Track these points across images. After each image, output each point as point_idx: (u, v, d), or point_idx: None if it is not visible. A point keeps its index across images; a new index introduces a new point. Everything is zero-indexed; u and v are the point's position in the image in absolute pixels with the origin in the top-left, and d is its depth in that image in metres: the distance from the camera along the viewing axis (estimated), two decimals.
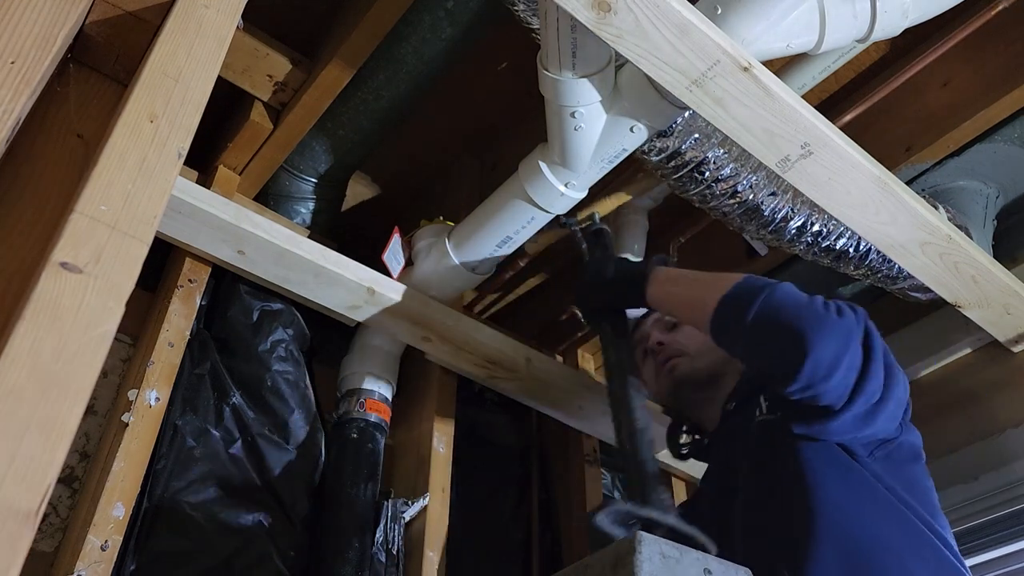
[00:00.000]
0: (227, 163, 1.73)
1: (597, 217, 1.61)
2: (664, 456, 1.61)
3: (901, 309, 1.84)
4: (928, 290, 1.56)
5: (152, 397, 1.37)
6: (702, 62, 1.13)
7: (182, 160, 0.79)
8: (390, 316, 1.56)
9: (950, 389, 1.75)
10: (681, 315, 1.33)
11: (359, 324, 1.64)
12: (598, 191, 1.57)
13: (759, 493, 1.18)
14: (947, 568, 1.09)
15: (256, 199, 1.81)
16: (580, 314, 1.61)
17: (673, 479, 2.04)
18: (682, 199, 1.55)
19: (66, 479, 1.36)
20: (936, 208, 1.59)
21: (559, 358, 2.19)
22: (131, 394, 1.37)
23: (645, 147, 1.39)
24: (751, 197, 1.47)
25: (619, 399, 1.29)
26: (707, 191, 1.46)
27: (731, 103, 1.18)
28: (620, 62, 1.27)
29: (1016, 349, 1.67)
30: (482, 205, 1.56)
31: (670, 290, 1.31)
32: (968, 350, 1.76)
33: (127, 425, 1.33)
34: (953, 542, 1.14)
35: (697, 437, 1.49)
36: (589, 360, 2.22)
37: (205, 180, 1.72)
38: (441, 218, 1.71)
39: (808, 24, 1.24)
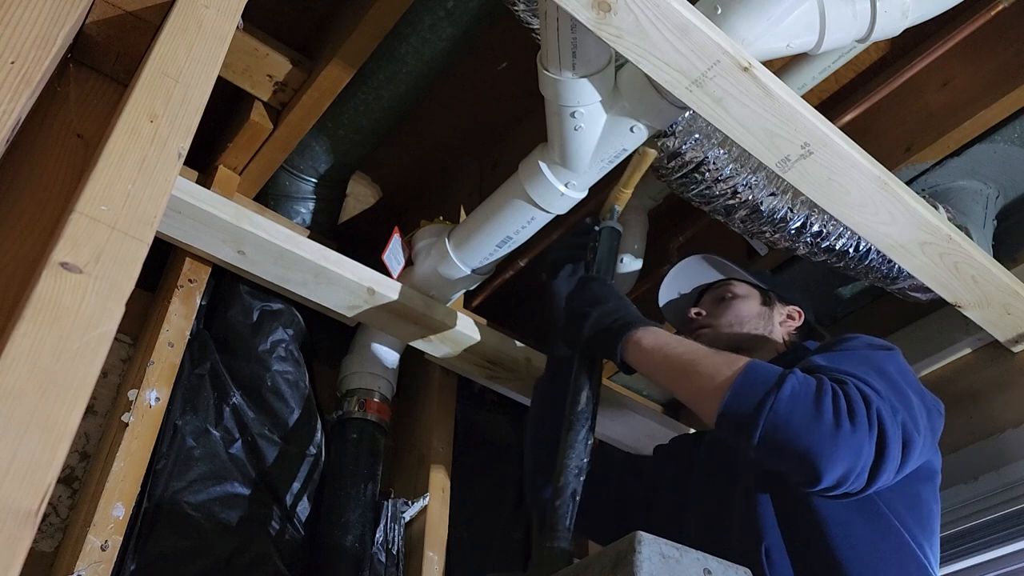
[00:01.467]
0: (227, 163, 1.73)
1: (616, 212, 1.49)
2: None
3: (901, 309, 1.84)
4: (928, 290, 1.56)
5: (152, 397, 1.38)
6: (702, 62, 1.13)
7: (182, 160, 0.79)
8: (390, 316, 1.56)
9: (950, 389, 1.75)
10: (676, 396, 1.22)
11: (359, 324, 1.65)
12: (598, 191, 1.57)
13: (759, 479, 1.20)
14: None
15: (256, 199, 1.81)
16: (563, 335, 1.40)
17: None
18: (682, 199, 1.55)
19: (66, 479, 1.36)
20: (936, 208, 1.58)
21: None
22: (131, 394, 1.37)
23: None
24: (751, 197, 1.47)
25: (569, 443, 1.19)
26: (707, 191, 1.46)
27: (731, 103, 1.18)
28: (620, 62, 1.27)
29: (1016, 349, 1.67)
30: (482, 205, 1.56)
31: (657, 366, 1.18)
32: (968, 350, 1.76)
33: (127, 425, 1.33)
34: (937, 571, 1.15)
35: None
36: None
37: (205, 180, 1.72)
38: (441, 218, 1.71)
39: (808, 24, 1.24)
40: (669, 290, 1.64)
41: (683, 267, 1.61)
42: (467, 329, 1.62)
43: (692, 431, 1.96)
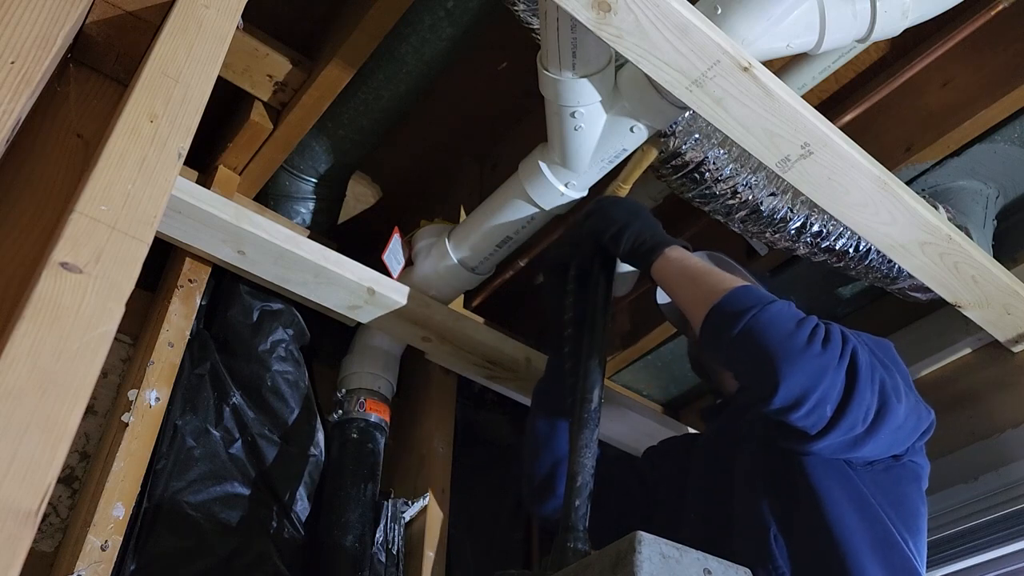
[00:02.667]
0: (227, 163, 1.73)
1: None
2: None
3: (901, 309, 1.84)
4: (928, 290, 1.56)
5: (152, 397, 1.38)
6: (702, 62, 1.13)
7: (182, 160, 0.79)
8: (390, 316, 1.56)
9: (950, 389, 1.75)
10: (680, 305, 1.28)
11: (359, 324, 1.65)
12: (598, 191, 1.57)
13: (754, 464, 1.22)
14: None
15: (256, 199, 1.81)
16: (568, 246, 1.41)
17: None
18: (682, 199, 1.55)
19: (66, 479, 1.36)
20: (936, 208, 1.58)
21: None
22: (131, 394, 1.37)
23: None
24: (751, 197, 1.47)
25: (584, 441, 1.20)
26: (707, 191, 1.46)
27: (731, 103, 1.18)
28: (620, 62, 1.27)
29: (1016, 349, 1.67)
30: (482, 205, 1.56)
31: (674, 275, 1.25)
32: (968, 350, 1.76)
33: (127, 425, 1.33)
34: (923, 568, 1.16)
35: (718, 401, 1.50)
36: None
37: (205, 180, 1.72)
38: (441, 218, 1.72)
39: (808, 24, 1.24)
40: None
41: None
42: (467, 329, 1.62)
43: (690, 431, 1.96)
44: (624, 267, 1.87)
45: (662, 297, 1.64)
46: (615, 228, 1.31)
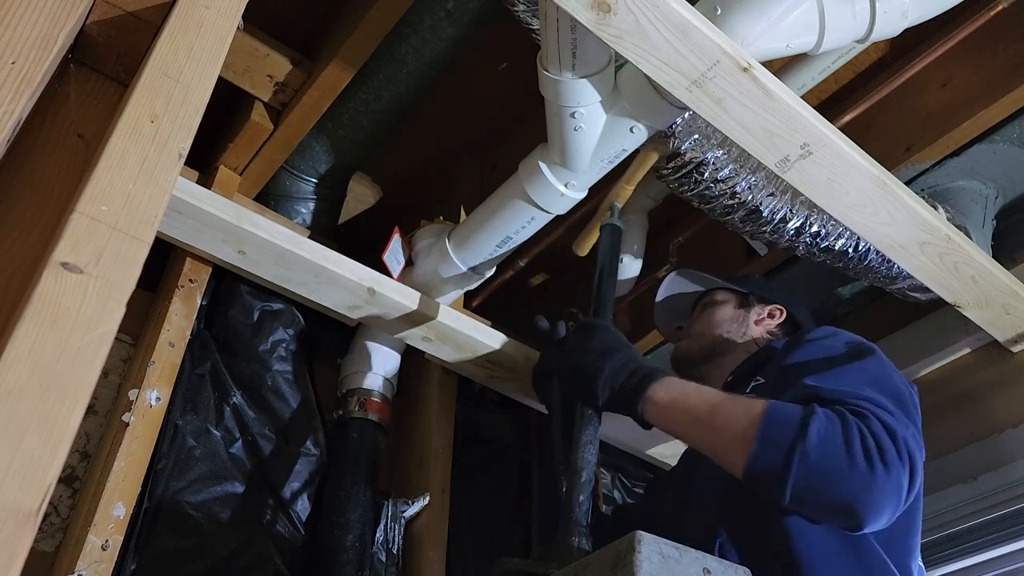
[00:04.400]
0: (227, 163, 1.73)
1: (616, 209, 1.48)
2: None
3: (901, 309, 1.84)
4: (927, 290, 1.56)
5: (153, 397, 1.38)
6: (702, 62, 1.13)
7: (183, 160, 0.79)
8: (390, 316, 1.56)
9: (949, 389, 1.75)
10: (700, 450, 1.16)
11: (359, 324, 1.65)
12: (598, 191, 1.57)
13: (715, 482, 1.21)
14: None
15: (256, 199, 1.81)
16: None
17: None
18: (682, 199, 1.55)
19: (67, 479, 1.36)
20: (935, 208, 1.59)
21: None
22: (132, 394, 1.37)
23: None
24: (750, 198, 1.47)
25: (588, 438, 1.19)
26: (706, 191, 1.46)
27: (731, 103, 1.18)
28: (620, 62, 1.27)
29: (1015, 349, 1.67)
30: (482, 205, 1.56)
31: (677, 422, 1.14)
32: (967, 350, 1.76)
33: (128, 425, 1.33)
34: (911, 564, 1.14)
35: None
36: None
37: (205, 180, 1.72)
38: (441, 218, 1.72)
39: (807, 24, 1.24)
40: (664, 313, 1.68)
41: (668, 286, 1.66)
42: (467, 329, 1.62)
43: None
44: (624, 268, 1.87)
45: (660, 322, 1.67)
46: (586, 383, 1.18)
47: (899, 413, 1.07)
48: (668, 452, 1.96)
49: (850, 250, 1.55)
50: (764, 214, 1.49)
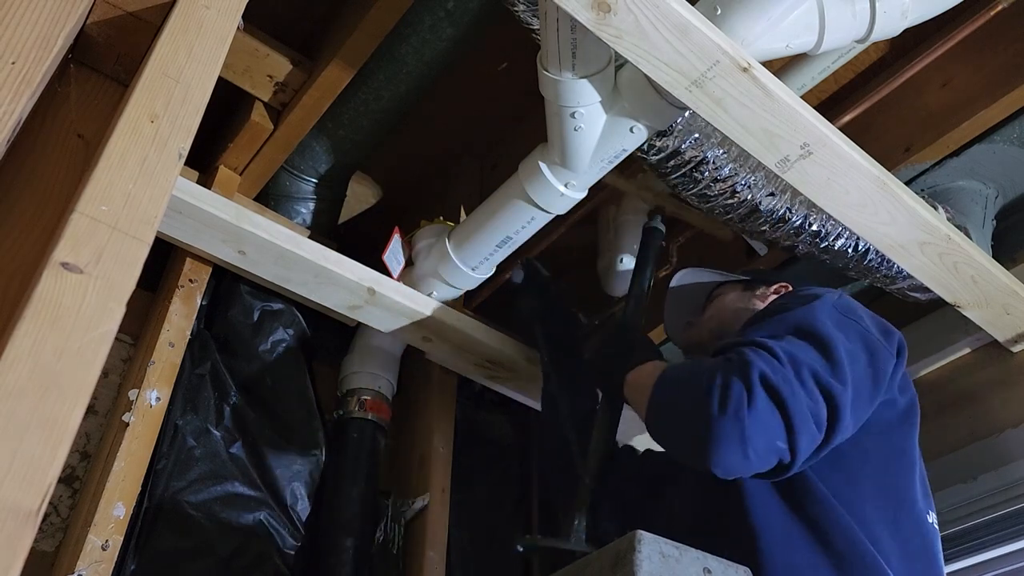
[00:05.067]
0: (228, 163, 1.73)
1: (659, 219, 1.62)
2: None
3: (900, 309, 1.84)
4: (927, 290, 1.56)
5: (153, 397, 1.38)
6: (702, 62, 1.13)
7: (183, 160, 0.79)
8: (390, 316, 1.56)
9: (949, 389, 1.75)
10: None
11: (359, 324, 1.65)
12: (598, 191, 1.58)
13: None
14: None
15: (256, 199, 1.81)
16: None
17: None
18: (681, 198, 1.55)
19: (67, 479, 1.36)
20: (935, 208, 1.59)
21: None
22: (132, 394, 1.37)
23: (644, 146, 1.39)
24: (750, 197, 1.47)
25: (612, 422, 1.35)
26: (706, 191, 1.46)
27: (730, 103, 1.18)
28: (620, 62, 1.27)
29: (1015, 349, 1.67)
30: (482, 205, 1.56)
31: (630, 396, 1.26)
32: (967, 350, 1.76)
33: (128, 425, 1.33)
34: (926, 522, 1.14)
35: None
36: None
37: (206, 180, 1.72)
38: (441, 218, 1.72)
39: (807, 24, 1.24)
40: (673, 317, 1.67)
41: (677, 287, 1.65)
42: (467, 329, 1.62)
43: None
44: (624, 267, 1.87)
45: (670, 329, 1.68)
46: (605, 383, 1.35)
47: (796, 352, 1.05)
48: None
49: (850, 250, 1.55)
50: (764, 213, 1.49)
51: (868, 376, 1.12)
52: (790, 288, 1.47)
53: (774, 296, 1.46)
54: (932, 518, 1.19)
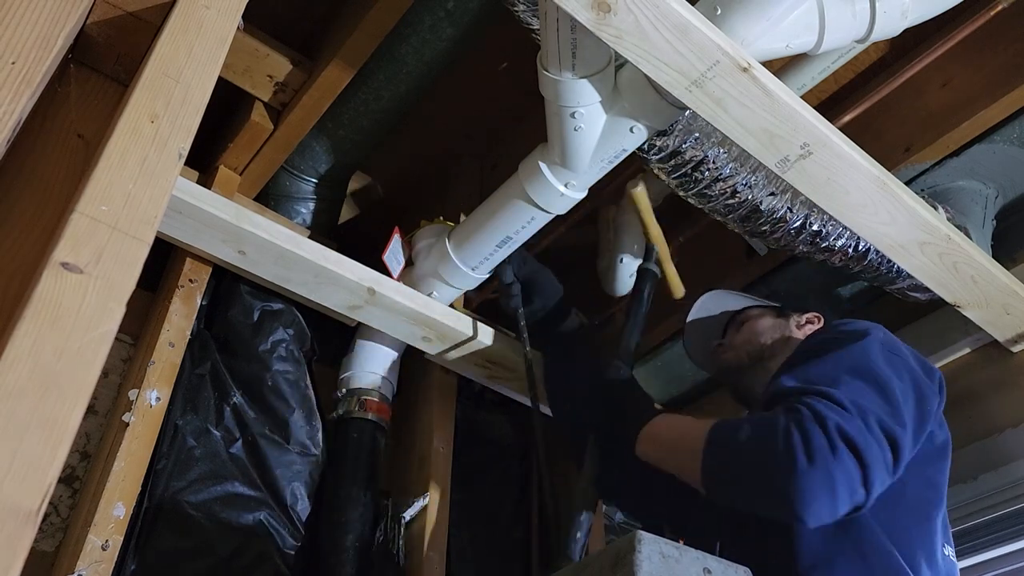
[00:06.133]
0: (228, 163, 1.73)
1: (655, 253, 1.61)
2: None
3: (900, 309, 1.84)
4: (927, 290, 1.56)
5: (153, 397, 1.38)
6: (702, 63, 1.13)
7: (183, 160, 0.79)
8: (390, 316, 1.56)
9: (949, 389, 1.74)
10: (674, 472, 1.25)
11: (359, 324, 1.65)
12: (598, 191, 1.57)
13: None
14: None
15: (256, 199, 1.81)
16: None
17: None
18: (682, 199, 1.55)
19: (67, 479, 1.36)
20: (935, 208, 1.59)
21: None
22: (132, 394, 1.37)
23: (644, 146, 1.39)
24: (750, 197, 1.47)
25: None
26: (706, 190, 1.46)
27: (730, 103, 1.18)
28: (620, 62, 1.27)
29: (1015, 349, 1.67)
30: (482, 205, 1.56)
31: (657, 453, 1.25)
32: (967, 350, 1.76)
33: (128, 425, 1.33)
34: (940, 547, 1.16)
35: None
36: None
37: (206, 180, 1.72)
38: (441, 218, 1.72)
39: (807, 24, 1.24)
40: (695, 336, 1.67)
41: (700, 308, 1.66)
42: (467, 329, 1.62)
43: None
44: (624, 268, 1.87)
45: (691, 348, 1.67)
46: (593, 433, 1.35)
47: (858, 396, 1.07)
48: None
49: (850, 249, 1.55)
50: (764, 213, 1.49)
51: (918, 414, 1.15)
52: (822, 319, 1.51)
53: (811, 326, 1.50)
54: (949, 551, 1.22)
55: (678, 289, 1.61)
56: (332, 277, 1.48)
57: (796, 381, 1.14)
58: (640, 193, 1.57)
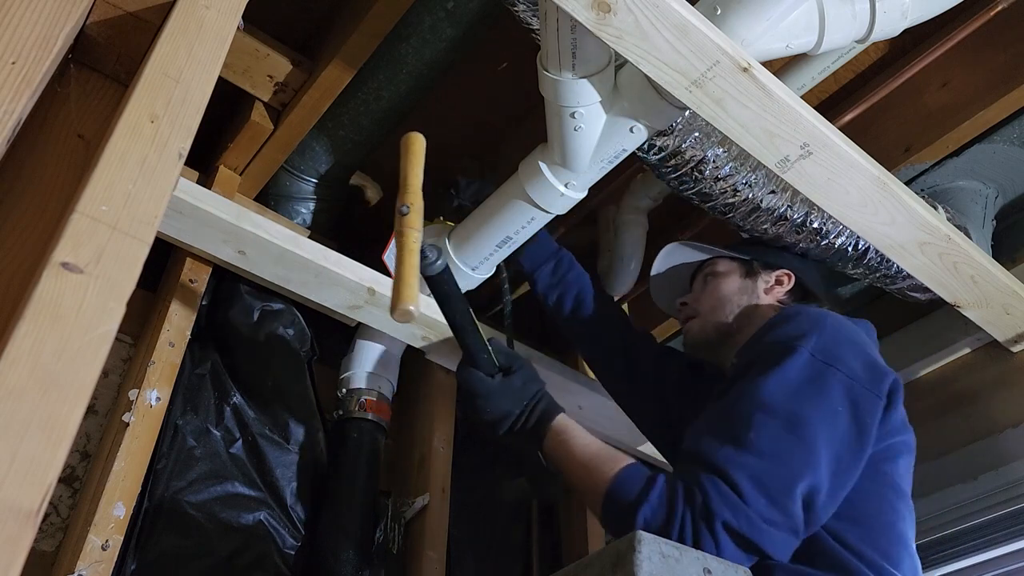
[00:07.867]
0: (228, 163, 1.73)
1: (434, 252, 1.07)
2: None
3: (900, 309, 1.84)
4: (927, 290, 1.57)
5: (153, 397, 1.38)
6: (702, 63, 1.13)
7: (183, 160, 0.79)
8: (390, 316, 1.56)
9: (949, 389, 1.75)
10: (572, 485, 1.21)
11: (359, 324, 1.65)
12: (598, 191, 1.58)
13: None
14: None
15: (257, 199, 1.81)
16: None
17: None
18: (682, 199, 1.55)
19: (67, 479, 1.36)
20: (935, 208, 1.59)
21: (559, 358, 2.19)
22: (132, 394, 1.37)
23: (644, 146, 1.39)
24: (750, 196, 1.47)
25: None
26: (707, 190, 1.46)
27: (730, 104, 1.18)
28: (620, 62, 1.27)
29: (1015, 349, 1.67)
30: (482, 205, 1.56)
31: (561, 460, 1.17)
32: (967, 350, 1.76)
33: (128, 425, 1.33)
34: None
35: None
36: None
37: (206, 180, 1.72)
38: (441, 218, 1.72)
39: (807, 25, 1.24)
40: (659, 285, 1.63)
41: (666, 257, 1.60)
42: None
43: None
44: (624, 268, 1.87)
45: (656, 295, 1.65)
46: (487, 429, 1.23)
47: (779, 443, 1.04)
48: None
49: (849, 249, 1.55)
50: (764, 212, 1.49)
51: (851, 433, 1.08)
52: (791, 277, 1.44)
53: (780, 288, 1.43)
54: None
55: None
56: (332, 277, 1.48)
57: (705, 444, 1.07)
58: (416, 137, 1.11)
